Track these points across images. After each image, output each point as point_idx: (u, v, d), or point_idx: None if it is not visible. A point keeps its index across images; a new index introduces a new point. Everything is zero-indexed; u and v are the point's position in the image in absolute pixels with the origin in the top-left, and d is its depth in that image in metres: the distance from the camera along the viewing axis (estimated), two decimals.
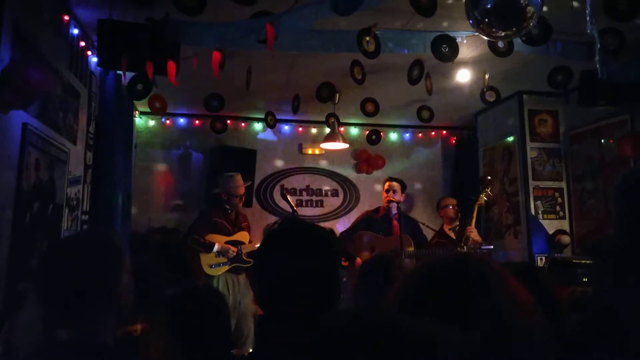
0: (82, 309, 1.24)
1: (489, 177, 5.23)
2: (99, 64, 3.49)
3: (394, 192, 4.75)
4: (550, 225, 5.27)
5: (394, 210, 4.73)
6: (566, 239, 5.13)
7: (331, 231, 1.33)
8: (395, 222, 4.73)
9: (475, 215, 4.80)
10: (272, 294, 1.24)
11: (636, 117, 4.54)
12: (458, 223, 5.10)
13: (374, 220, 4.81)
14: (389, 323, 0.58)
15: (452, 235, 4.97)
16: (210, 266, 4.57)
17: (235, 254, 4.59)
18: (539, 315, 0.80)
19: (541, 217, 5.30)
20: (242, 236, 4.77)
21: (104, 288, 1.26)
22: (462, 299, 0.76)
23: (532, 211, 5.29)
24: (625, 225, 0.90)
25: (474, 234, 4.69)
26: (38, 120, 2.95)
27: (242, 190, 4.79)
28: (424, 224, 5.00)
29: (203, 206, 5.78)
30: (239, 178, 4.78)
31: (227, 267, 4.59)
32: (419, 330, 0.57)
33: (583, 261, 4.06)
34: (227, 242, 4.65)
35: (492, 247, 4.60)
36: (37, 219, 2.97)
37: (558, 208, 5.35)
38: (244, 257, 4.62)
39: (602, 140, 4.92)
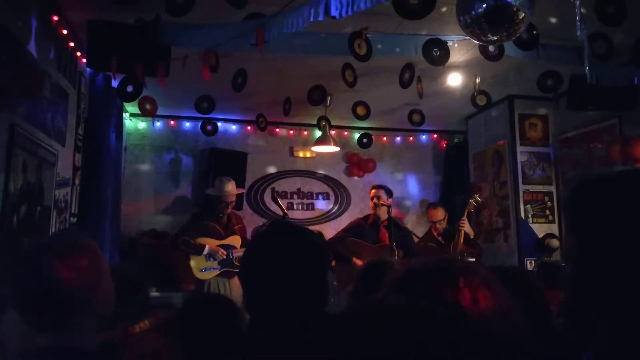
0: (59, 314, 1.21)
1: (479, 185, 5.24)
2: (88, 64, 3.46)
3: (378, 198, 4.75)
4: (539, 229, 5.30)
5: (384, 216, 4.70)
6: (555, 242, 5.15)
7: (319, 234, 1.31)
8: (383, 230, 4.69)
9: (466, 212, 4.80)
10: (259, 296, 1.22)
11: (625, 121, 4.58)
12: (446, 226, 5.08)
13: (362, 228, 4.78)
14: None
15: (441, 239, 4.97)
16: (201, 270, 4.52)
17: (224, 257, 4.56)
18: (521, 321, 0.79)
19: (531, 221, 5.33)
20: (234, 240, 4.73)
21: (79, 292, 1.23)
22: (448, 305, 0.76)
23: (522, 215, 5.31)
24: (575, 230, 0.92)
25: (466, 226, 4.68)
26: (26, 121, 2.91)
27: (233, 198, 4.76)
28: (412, 232, 5.00)
29: (192, 209, 5.75)
30: (232, 185, 4.74)
31: (217, 272, 4.56)
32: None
33: None
34: (219, 246, 4.62)
35: (474, 259, 4.60)
36: (24, 221, 2.93)
37: (547, 212, 5.39)
38: (235, 262, 4.59)
39: (592, 145, 4.97)
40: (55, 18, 3.40)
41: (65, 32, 3.57)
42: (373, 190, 4.83)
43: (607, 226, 0.82)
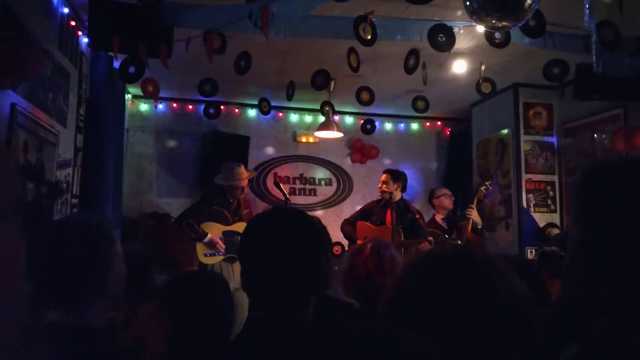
0: (72, 292, 1.24)
1: (490, 172, 5.22)
2: (89, 44, 3.44)
3: (385, 183, 4.78)
4: (541, 219, 5.30)
5: (395, 198, 4.74)
6: (556, 232, 5.15)
7: (318, 220, 1.32)
8: (389, 212, 4.71)
9: (476, 200, 4.80)
10: (256, 280, 1.24)
11: (629, 111, 4.55)
12: (451, 210, 5.08)
13: (372, 210, 4.86)
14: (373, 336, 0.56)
15: (444, 225, 4.97)
16: (205, 254, 4.55)
17: (222, 250, 4.57)
18: (537, 308, 0.79)
19: (532, 210, 5.32)
20: (241, 227, 4.73)
21: (94, 272, 1.26)
22: (464, 292, 0.75)
23: (524, 204, 5.30)
24: (583, 219, 0.91)
25: (474, 213, 4.69)
26: (27, 101, 2.90)
27: (245, 182, 4.76)
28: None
29: (194, 191, 5.77)
30: (242, 170, 4.73)
31: (222, 257, 4.59)
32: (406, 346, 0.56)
33: None
34: (225, 232, 4.63)
35: (459, 241, 4.61)
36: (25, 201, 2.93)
37: (549, 201, 5.38)
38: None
39: (595, 134, 4.93)
40: None
41: (66, 10, 3.54)
42: (384, 175, 4.87)
43: (619, 213, 0.81)
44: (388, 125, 6.76)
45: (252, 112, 6.30)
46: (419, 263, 0.84)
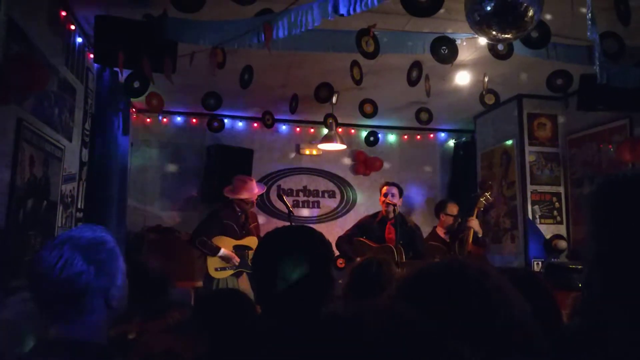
0: (75, 307, 1.23)
1: (490, 182, 5.20)
2: (95, 60, 3.46)
3: (392, 195, 4.69)
4: (547, 230, 5.26)
5: (391, 215, 4.66)
6: (563, 244, 5.11)
7: (321, 234, 1.42)
8: (389, 229, 4.64)
9: (476, 210, 4.76)
10: (267, 292, 1.32)
11: (635, 121, 4.53)
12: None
13: (369, 226, 4.72)
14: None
15: (447, 238, 4.94)
16: (216, 269, 4.55)
17: (237, 263, 4.58)
18: (535, 324, 0.78)
19: (538, 222, 5.29)
20: (251, 241, 4.73)
21: (97, 287, 1.25)
22: (458, 307, 0.74)
23: (530, 215, 5.27)
24: (603, 233, 0.90)
25: (475, 224, 4.65)
26: (33, 116, 2.92)
27: (255, 197, 4.78)
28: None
29: (198, 205, 5.78)
30: (254, 185, 4.74)
31: (233, 271, 4.59)
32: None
33: (579, 266, 4.06)
34: (236, 246, 4.63)
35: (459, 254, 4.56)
36: (31, 216, 2.93)
37: (555, 213, 5.34)
38: (251, 263, 4.60)
39: (601, 145, 4.92)
40: (64, 13, 3.40)
41: (73, 27, 3.58)
42: (385, 187, 4.77)
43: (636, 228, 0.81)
44: (391, 137, 6.76)
45: (255, 125, 6.32)
46: (412, 279, 0.84)
